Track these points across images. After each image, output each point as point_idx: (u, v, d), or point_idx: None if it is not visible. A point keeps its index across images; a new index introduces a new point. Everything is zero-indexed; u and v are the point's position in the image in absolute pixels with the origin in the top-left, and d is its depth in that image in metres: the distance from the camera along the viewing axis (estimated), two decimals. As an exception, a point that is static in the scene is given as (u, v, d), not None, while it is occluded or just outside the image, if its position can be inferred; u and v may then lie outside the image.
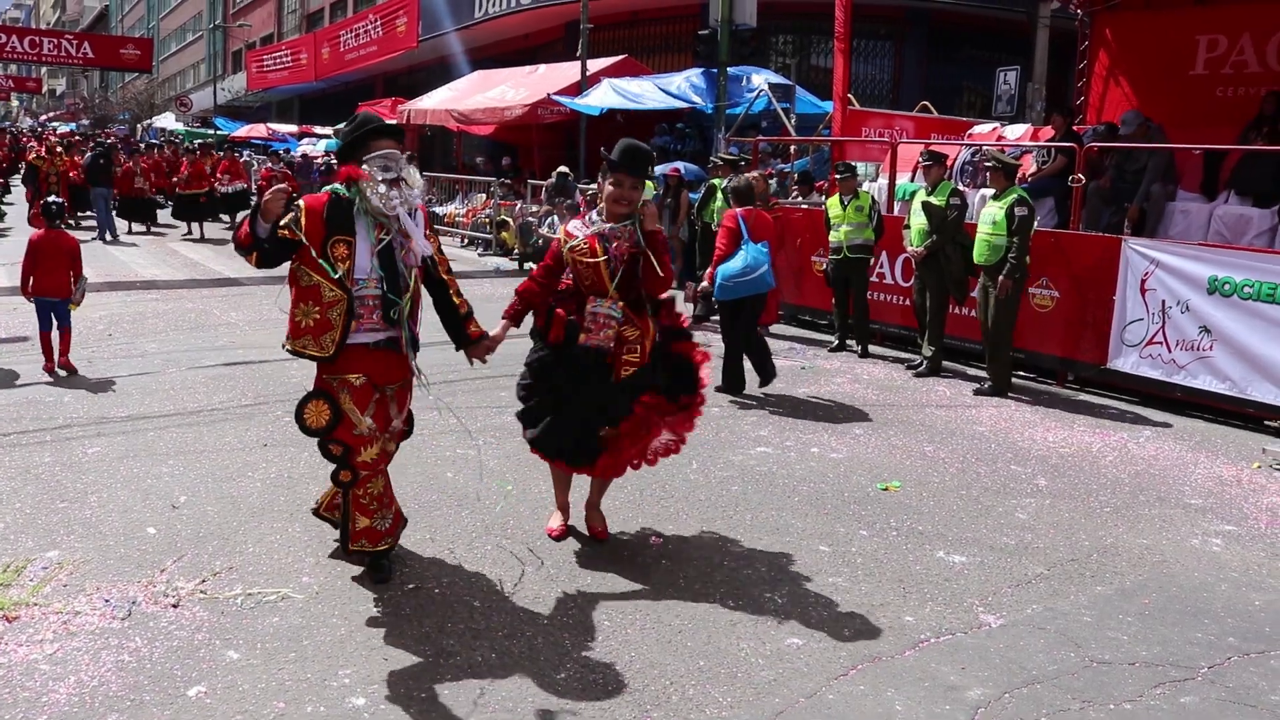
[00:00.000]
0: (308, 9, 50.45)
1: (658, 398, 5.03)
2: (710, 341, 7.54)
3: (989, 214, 8.97)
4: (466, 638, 4.29)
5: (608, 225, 4.99)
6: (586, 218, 5.13)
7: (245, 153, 32.48)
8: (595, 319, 4.95)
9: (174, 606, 4.49)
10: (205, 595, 4.62)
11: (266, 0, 54.87)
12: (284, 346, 4.61)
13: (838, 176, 10.81)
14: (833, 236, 10.72)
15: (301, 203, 4.47)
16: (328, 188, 4.57)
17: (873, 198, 10.88)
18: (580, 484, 5.52)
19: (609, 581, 4.90)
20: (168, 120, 53.50)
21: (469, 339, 4.92)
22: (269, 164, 26.57)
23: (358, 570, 4.86)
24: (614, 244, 4.96)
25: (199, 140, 33.89)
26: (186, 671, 3.95)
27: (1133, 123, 10.65)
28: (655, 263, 4.91)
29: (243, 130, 44.34)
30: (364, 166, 4.42)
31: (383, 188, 4.40)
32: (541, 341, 5.10)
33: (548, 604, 4.63)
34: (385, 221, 4.48)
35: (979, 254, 9.06)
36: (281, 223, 4.39)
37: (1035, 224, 8.78)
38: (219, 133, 43.32)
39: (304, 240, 4.38)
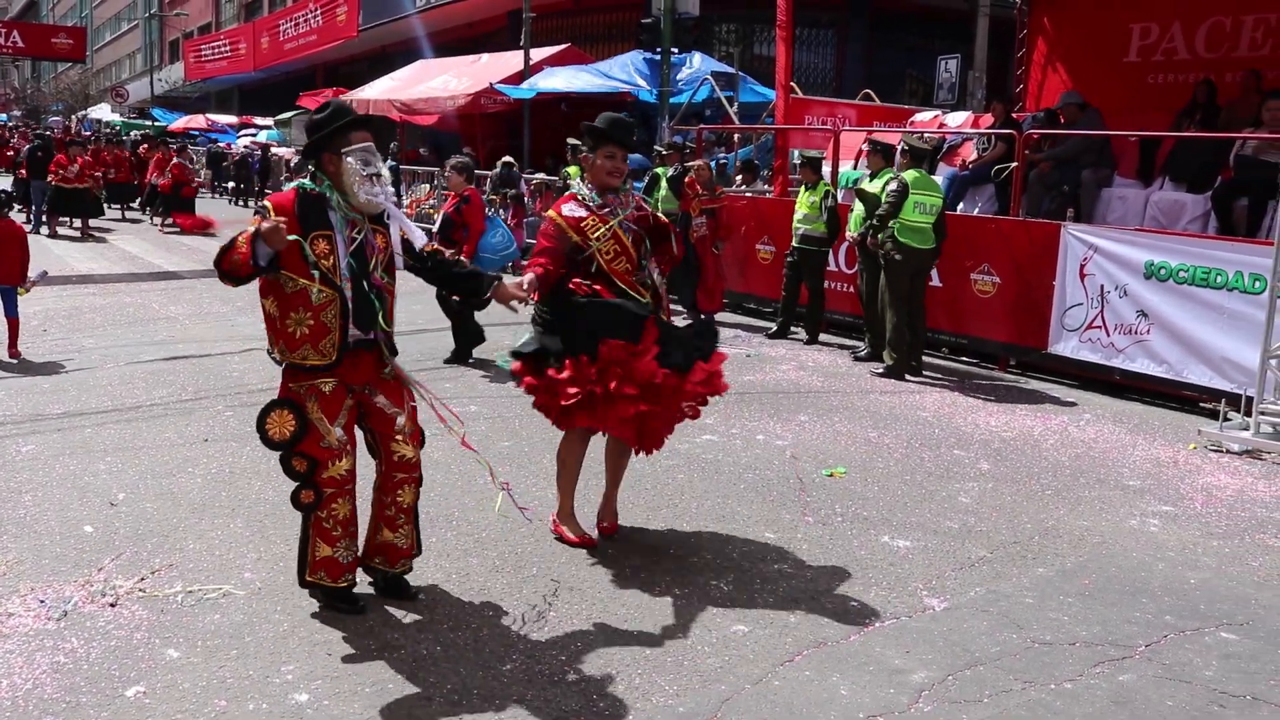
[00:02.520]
0: (245, -3, 49.73)
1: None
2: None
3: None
4: (411, 631, 4.26)
5: (608, 197, 4.98)
6: (580, 197, 5.00)
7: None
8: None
9: (112, 606, 4.41)
10: (144, 593, 4.54)
11: (203, -12, 53.98)
12: (278, 361, 4.30)
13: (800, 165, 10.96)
14: (793, 226, 10.79)
15: (268, 203, 4.19)
16: (292, 184, 4.33)
17: (829, 191, 10.84)
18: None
19: (554, 571, 4.88)
20: (103, 111, 52.43)
21: (490, 281, 4.61)
22: (175, 159, 22.88)
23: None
24: (624, 214, 4.97)
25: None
26: (125, 671, 3.88)
27: (1065, 101, 10.87)
28: (671, 242, 5.12)
29: (181, 121, 43.55)
30: (347, 160, 4.16)
31: (369, 184, 4.16)
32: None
33: (493, 595, 4.61)
34: (359, 219, 4.23)
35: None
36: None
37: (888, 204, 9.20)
38: (156, 124, 42.52)
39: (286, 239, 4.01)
